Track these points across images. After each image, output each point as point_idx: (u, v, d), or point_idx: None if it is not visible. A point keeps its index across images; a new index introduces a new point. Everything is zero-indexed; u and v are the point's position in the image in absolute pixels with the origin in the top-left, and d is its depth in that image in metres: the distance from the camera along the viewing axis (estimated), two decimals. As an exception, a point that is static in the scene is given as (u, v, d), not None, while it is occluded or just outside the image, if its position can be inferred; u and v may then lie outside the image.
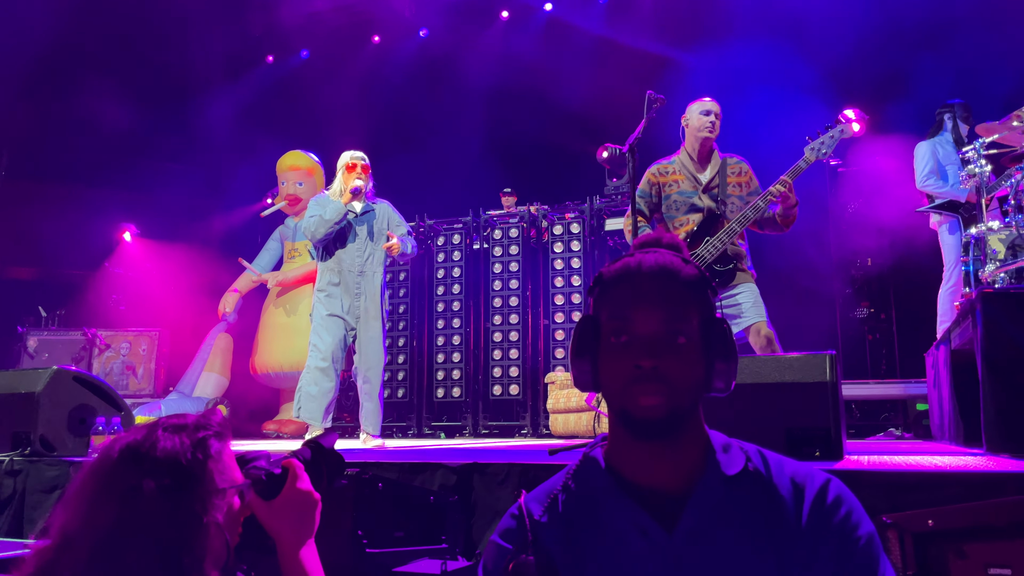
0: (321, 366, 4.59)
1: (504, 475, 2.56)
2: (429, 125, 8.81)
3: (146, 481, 1.14)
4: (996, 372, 2.73)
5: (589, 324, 1.22)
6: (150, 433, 1.20)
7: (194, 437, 1.22)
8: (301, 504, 1.35)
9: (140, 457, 1.17)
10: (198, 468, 1.19)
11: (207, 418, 1.27)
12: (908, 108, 6.45)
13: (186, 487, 1.17)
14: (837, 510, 1.12)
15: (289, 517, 1.33)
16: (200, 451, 1.21)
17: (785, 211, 3.82)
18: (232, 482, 1.25)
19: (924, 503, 1.84)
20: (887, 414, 6.21)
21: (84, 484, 1.18)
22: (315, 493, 1.37)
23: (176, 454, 1.18)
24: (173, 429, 1.22)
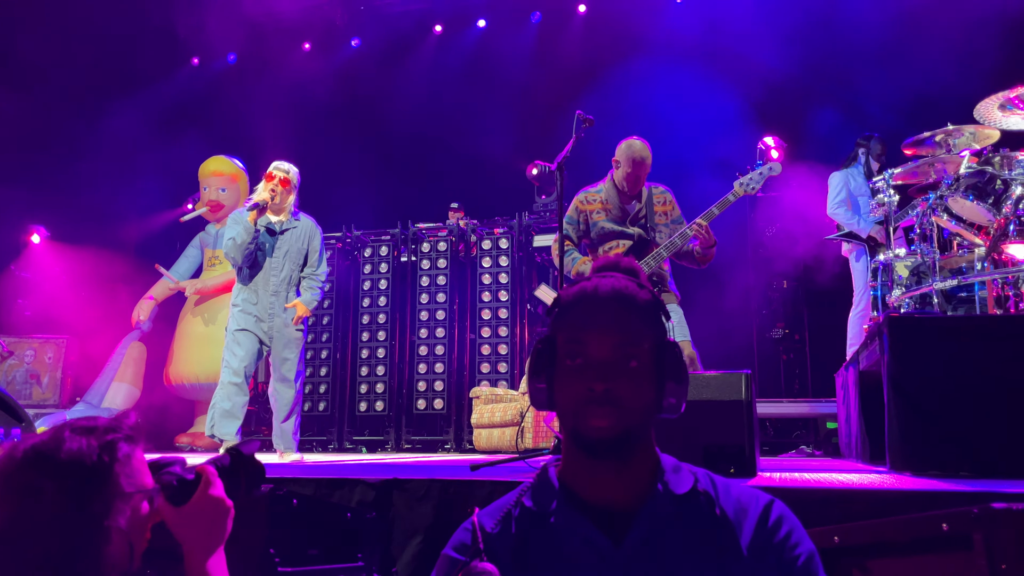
0: (234, 381, 4.48)
1: (424, 491, 2.53)
2: (359, 135, 8.72)
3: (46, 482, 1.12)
4: (900, 393, 2.85)
5: (546, 345, 1.26)
6: (57, 434, 1.17)
7: (102, 439, 1.18)
8: (212, 512, 1.32)
9: (43, 458, 1.14)
10: (103, 471, 1.16)
11: (118, 421, 1.24)
12: (823, 139, 6.74)
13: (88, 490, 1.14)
14: (778, 530, 1.18)
15: (198, 524, 1.30)
16: (107, 454, 1.18)
17: (703, 250, 3.91)
18: (140, 487, 1.22)
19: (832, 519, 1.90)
20: (799, 432, 6.42)
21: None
22: (227, 500, 1.34)
23: (81, 456, 1.15)
24: (81, 431, 1.19)
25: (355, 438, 7.35)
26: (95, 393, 7.51)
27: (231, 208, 7.17)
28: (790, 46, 7.38)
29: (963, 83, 5.41)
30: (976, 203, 3.60)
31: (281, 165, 4.72)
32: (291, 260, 4.65)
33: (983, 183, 3.62)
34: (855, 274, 5.81)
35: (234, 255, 4.56)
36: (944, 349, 2.87)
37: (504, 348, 7.06)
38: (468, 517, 1.28)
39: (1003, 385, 2.75)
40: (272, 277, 4.61)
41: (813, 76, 7.34)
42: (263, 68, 9.11)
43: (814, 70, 7.36)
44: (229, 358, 4.54)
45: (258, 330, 4.58)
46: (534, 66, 8.62)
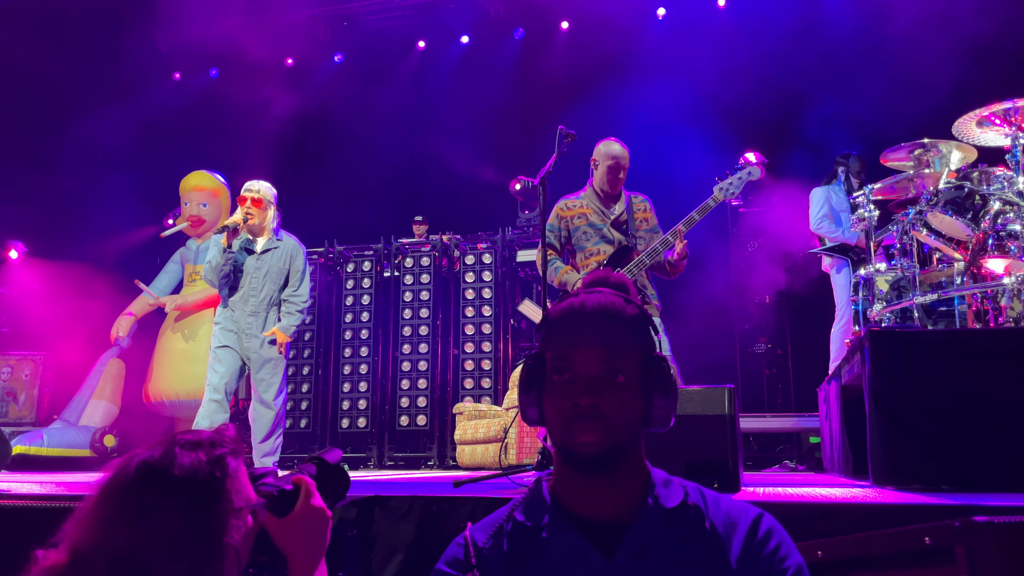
0: (214, 398, 4.45)
1: (407, 508, 2.50)
2: (342, 150, 8.70)
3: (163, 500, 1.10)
4: (882, 407, 2.86)
5: (535, 361, 1.28)
6: (167, 450, 1.15)
7: (211, 454, 1.17)
8: (313, 521, 1.30)
9: (158, 475, 1.12)
10: (216, 486, 1.15)
11: (221, 434, 1.22)
12: (803, 154, 6.81)
13: (204, 506, 1.13)
14: (767, 543, 1.18)
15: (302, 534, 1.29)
16: (218, 469, 1.16)
17: (676, 260, 3.92)
18: (247, 500, 1.21)
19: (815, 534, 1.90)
20: (782, 446, 6.43)
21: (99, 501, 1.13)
22: (327, 510, 1.33)
23: (194, 471, 1.14)
24: (190, 446, 1.17)
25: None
26: (73, 410, 7.39)
27: (212, 223, 7.12)
28: (771, 63, 7.47)
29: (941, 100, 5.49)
30: (955, 218, 3.64)
31: (252, 185, 4.63)
32: (271, 280, 4.59)
33: (962, 198, 3.67)
34: (836, 288, 5.85)
35: (211, 277, 4.55)
36: (925, 363, 2.88)
37: (488, 364, 7.03)
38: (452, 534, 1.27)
39: (983, 398, 2.76)
40: (251, 297, 4.56)
41: (794, 92, 7.42)
42: (245, 83, 9.08)
43: (795, 87, 7.45)
44: (210, 375, 4.52)
45: (239, 348, 4.55)
46: (517, 82, 8.66)
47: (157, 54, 9.23)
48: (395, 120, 8.62)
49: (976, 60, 6.41)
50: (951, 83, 6.18)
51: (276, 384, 4.55)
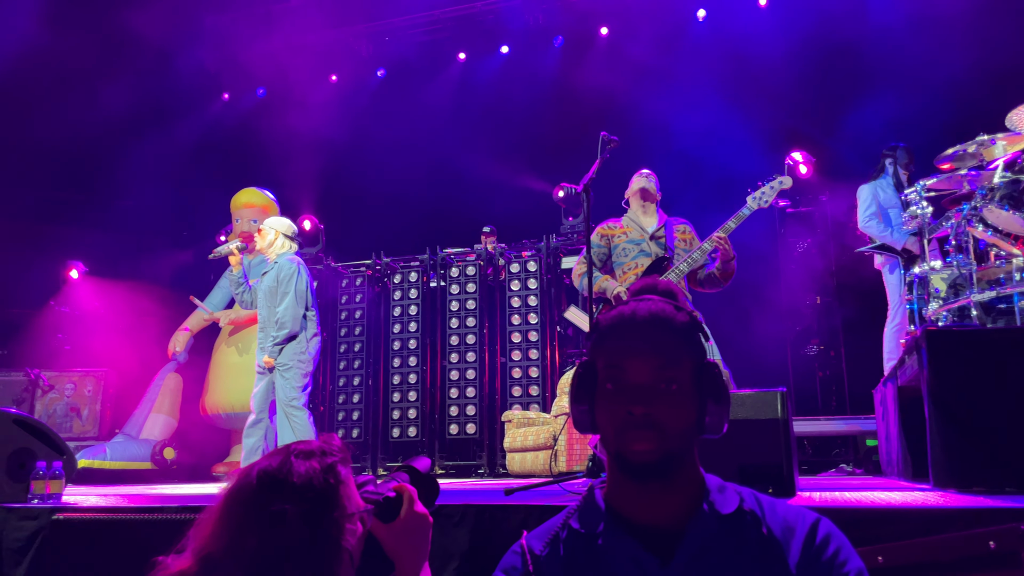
0: (252, 418, 4.78)
1: (460, 516, 2.52)
2: (386, 163, 8.82)
3: (286, 506, 1.16)
4: (942, 408, 2.79)
5: (587, 370, 1.28)
6: (283, 459, 1.22)
7: (323, 462, 1.23)
8: (417, 526, 1.36)
9: (279, 483, 1.19)
10: (331, 493, 1.21)
11: (329, 443, 1.28)
12: (852, 151, 6.68)
13: (322, 512, 1.19)
14: (826, 548, 1.17)
15: (409, 539, 1.35)
16: (331, 476, 1.22)
17: (724, 265, 3.92)
18: (358, 506, 1.27)
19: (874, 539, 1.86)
20: (838, 450, 6.30)
21: (225, 508, 1.20)
22: (429, 516, 1.39)
23: (311, 479, 1.20)
24: (303, 455, 1.23)
25: (388, 464, 7.36)
26: (134, 424, 7.61)
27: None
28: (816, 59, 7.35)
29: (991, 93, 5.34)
30: (1012, 213, 3.54)
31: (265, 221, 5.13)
32: (269, 299, 4.88)
33: (1018, 192, 3.56)
34: (889, 287, 5.71)
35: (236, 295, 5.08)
36: (985, 362, 2.81)
37: (535, 371, 7.04)
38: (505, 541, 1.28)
39: (1048, 398, 2.68)
40: (260, 317, 4.95)
41: (841, 88, 7.29)
42: (291, 101, 9.28)
43: (841, 83, 7.32)
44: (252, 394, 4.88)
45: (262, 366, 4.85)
46: (558, 89, 8.67)
47: (206, 75, 9.49)
48: (438, 131, 8.71)
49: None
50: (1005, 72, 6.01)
51: (292, 393, 4.68)
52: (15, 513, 3.15)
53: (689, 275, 3.99)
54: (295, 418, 4.66)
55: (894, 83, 7.01)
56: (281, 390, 4.70)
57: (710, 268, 3.99)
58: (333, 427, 7.47)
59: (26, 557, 3.04)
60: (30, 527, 3.09)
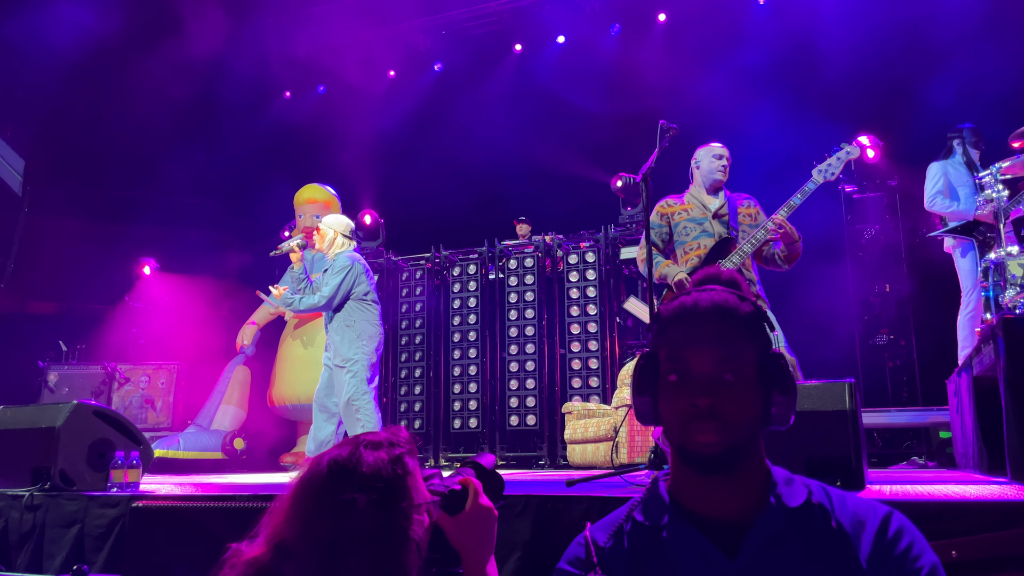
0: (318, 411, 4.97)
1: (522, 507, 2.54)
2: (444, 156, 8.88)
3: (359, 495, 1.19)
4: (1020, 399, 2.69)
5: (649, 361, 1.28)
6: (352, 449, 1.25)
7: (391, 453, 1.26)
8: (483, 519, 1.38)
9: (349, 472, 1.22)
10: (399, 483, 1.24)
11: (396, 435, 1.31)
12: (921, 134, 6.44)
13: (391, 501, 1.22)
14: (899, 541, 1.15)
15: (475, 532, 1.37)
16: (399, 467, 1.25)
17: (788, 247, 3.81)
18: (425, 498, 1.30)
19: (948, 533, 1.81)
20: (909, 442, 6.12)
21: (296, 497, 1.23)
22: (494, 509, 1.41)
23: (379, 469, 1.23)
24: (371, 446, 1.26)
25: (450, 455, 7.44)
26: (205, 416, 7.87)
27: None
28: (883, 39, 7.11)
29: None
30: (1096, 194, 3.38)
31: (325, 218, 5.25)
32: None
33: (1103, 172, 3.39)
34: (961, 273, 5.49)
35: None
36: (1066, 351, 2.69)
37: (595, 362, 7.02)
38: (567, 532, 1.29)
39: None
40: (324, 314, 5.07)
41: (909, 69, 7.04)
42: (351, 97, 9.43)
43: (910, 63, 7.06)
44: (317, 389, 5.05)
45: (327, 360, 5.00)
46: (615, 78, 8.59)
47: (269, 73, 9.70)
48: (495, 123, 8.73)
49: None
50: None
51: (360, 387, 4.77)
52: (96, 501, 3.30)
53: (755, 252, 3.89)
54: (362, 412, 4.74)
55: (964, 62, 6.73)
56: (348, 385, 4.79)
57: (776, 247, 3.88)
58: (396, 418, 7.58)
59: (107, 543, 3.18)
60: (110, 514, 3.23)
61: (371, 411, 4.75)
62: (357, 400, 4.76)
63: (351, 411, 4.78)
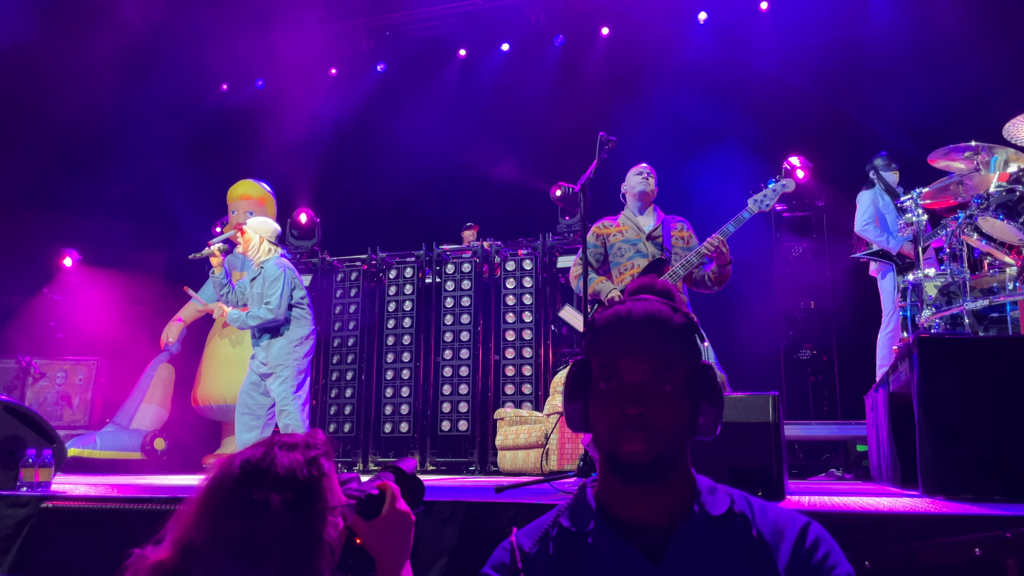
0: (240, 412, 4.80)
1: (450, 513, 2.52)
2: (384, 158, 8.81)
3: (272, 495, 1.16)
4: (932, 415, 2.80)
5: (581, 368, 1.28)
6: (266, 450, 1.22)
7: (307, 455, 1.23)
8: (400, 524, 1.37)
9: (262, 472, 1.19)
10: (314, 485, 1.21)
11: (313, 437, 1.28)
12: (848, 157, 6.69)
13: (306, 503, 1.19)
14: (816, 551, 1.18)
15: (390, 537, 1.35)
16: (315, 468, 1.23)
17: (720, 268, 3.89)
18: (340, 501, 1.28)
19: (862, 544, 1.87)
20: (828, 455, 6.32)
21: (206, 497, 1.20)
22: (412, 514, 1.39)
23: (294, 470, 1.20)
24: (287, 447, 1.23)
25: (379, 460, 7.35)
26: (124, 414, 7.60)
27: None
28: (815, 65, 7.36)
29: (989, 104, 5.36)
30: (1006, 222, 3.56)
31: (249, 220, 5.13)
32: (255, 304, 4.85)
33: (1013, 202, 3.58)
34: (883, 293, 5.73)
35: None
36: (976, 370, 2.82)
37: (528, 369, 7.04)
38: (495, 539, 1.28)
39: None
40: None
41: (839, 95, 7.30)
42: (291, 93, 9.26)
43: (840, 89, 7.33)
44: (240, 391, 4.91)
45: (255, 367, 4.84)
46: (558, 88, 8.67)
47: (206, 65, 9.45)
48: (437, 127, 8.70)
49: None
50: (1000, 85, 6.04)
51: (287, 393, 4.67)
52: (4, 500, 3.15)
53: (685, 275, 3.98)
54: (290, 417, 4.65)
55: (892, 90, 7.03)
56: (276, 391, 4.69)
57: (707, 268, 3.97)
58: (325, 422, 7.46)
59: (14, 545, 3.03)
60: (19, 515, 3.08)
61: (298, 417, 4.66)
62: (286, 406, 4.66)
63: (279, 417, 4.68)
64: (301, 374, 4.77)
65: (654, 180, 4.18)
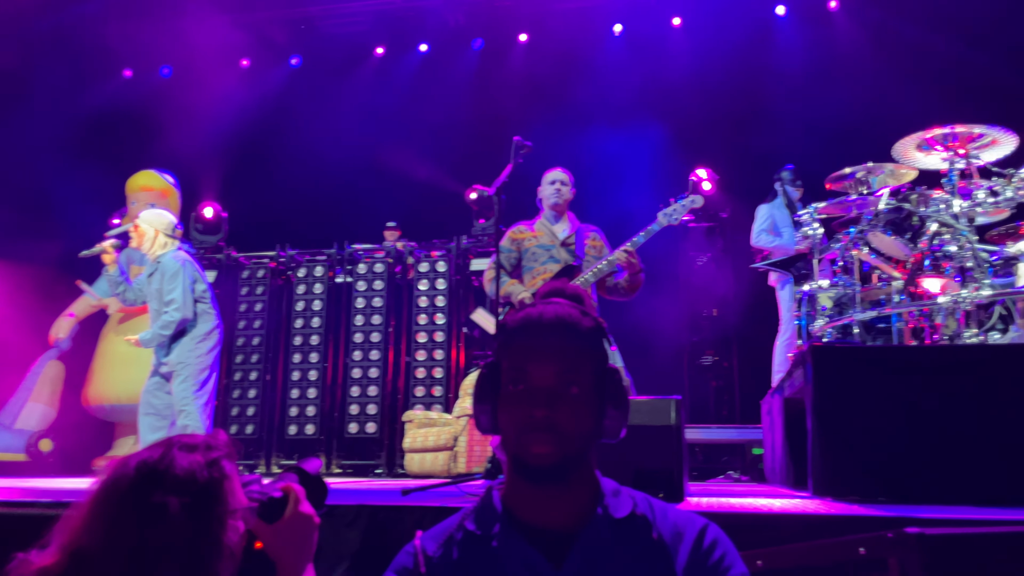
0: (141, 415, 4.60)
1: (352, 517, 2.48)
2: (296, 154, 8.59)
3: (170, 498, 1.11)
4: (823, 420, 2.94)
5: (491, 371, 1.28)
6: (164, 451, 1.16)
7: (207, 456, 1.18)
8: (303, 527, 1.32)
9: (159, 475, 1.13)
10: (215, 487, 1.16)
11: (215, 439, 1.23)
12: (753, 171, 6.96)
13: (205, 506, 1.14)
14: (712, 552, 1.21)
15: (292, 540, 1.30)
16: (215, 470, 1.18)
17: (631, 277, 4.00)
18: (241, 504, 1.23)
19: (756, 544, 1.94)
20: (727, 457, 6.54)
21: (99, 501, 1.14)
22: (315, 516, 1.34)
23: (193, 472, 1.15)
24: (186, 448, 1.18)
25: (283, 462, 7.18)
26: (8, 413, 7.18)
27: (160, 224, 6.99)
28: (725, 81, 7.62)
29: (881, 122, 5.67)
30: (894, 238, 3.77)
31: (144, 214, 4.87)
32: (155, 300, 4.68)
33: (901, 219, 3.80)
34: (781, 303, 5.98)
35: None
36: (863, 378, 2.97)
37: (439, 372, 7.01)
38: (399, 543, 1.27)
39: (917, 413, 2.86)
40: (150, 318, 4.76)
41: (746, 110, 7.59)
42: (199, 82, 8.92)
43: (747, 104, 7.61)
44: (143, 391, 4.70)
45: (156, 364, 4.66)
46: (475, 92, 8.67)
47: (107, 49, 9.00)
48: (352, 125, 8.56)
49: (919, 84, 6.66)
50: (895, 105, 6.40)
51: (188, 392, 4.51)
52: None
53: (598, 282, 4.05)
54: (190, 418, 4.48)
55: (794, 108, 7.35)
56: (177, 390, 4.51)
57: (619, 278, 4.06)
58: (227, 423, 7.23)
59: None
60: None
61: (198, 418, 4.49)
62: (185, 406, 4.49)
63: (178, 417, 4.51)
64: (204, 372, 4.59)
65: (568, 188, 4.21)
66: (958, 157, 3.84)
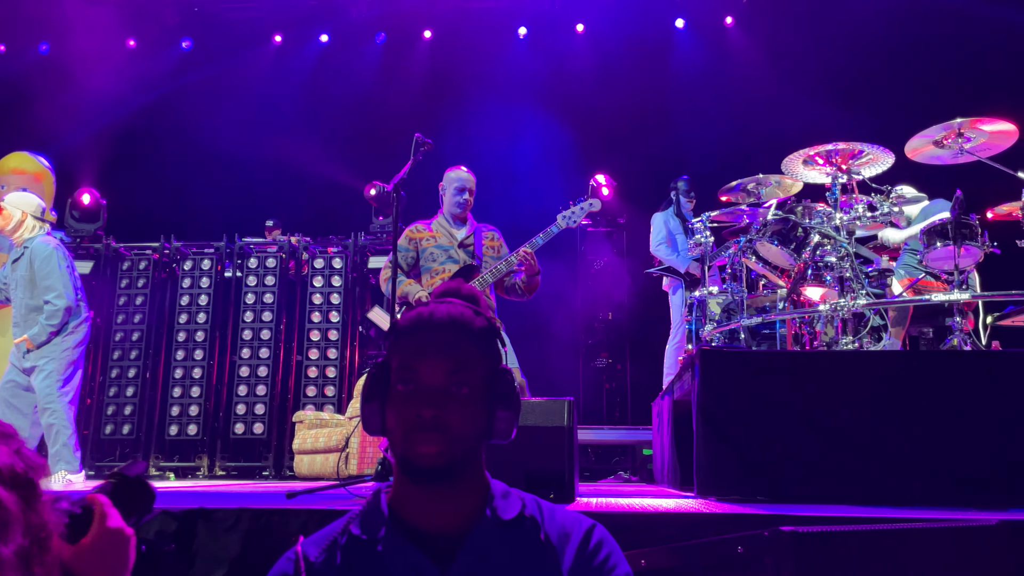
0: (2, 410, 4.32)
1: (233, 521, 2.37)
2: (185, 141, 8.20)
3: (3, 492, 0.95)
4: (708, 421, 3.03)
5: (380, 370, 1.25)
6: None
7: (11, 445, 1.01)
8: (111, 544, 1.17)
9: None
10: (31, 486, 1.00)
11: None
12: (650, 178, 7.15)
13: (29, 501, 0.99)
14: (598, 553, 1.21)
15: (99, 560, 1.16)
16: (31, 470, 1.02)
17: (529, 278, 4.03)
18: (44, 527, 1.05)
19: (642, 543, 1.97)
20: (618, 458, 6.68)
21: None
22: (127, 529, 1.20)
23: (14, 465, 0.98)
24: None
25: (163, 464, 6.84)
26: None
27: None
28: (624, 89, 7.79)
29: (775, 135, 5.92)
30: (780, 248, 3.93)
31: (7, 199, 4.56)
32: (22, 289, 4.40)
33: (787, 230, 3.97)
34: (673, 308, 6.15)
35: None
36: (747, 381, 3.08)
37: (332, 371, 6.85)
38: (282, 548, 1.22)
39: (796, 416, 2.98)
40: (14, 309, 4.47)
41: (644, 118, 7.78)
42: (81, 62, 8.39)
43: (646, 113, 7.81)
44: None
45: (15, 360, 4.38)
46: (377, 86, 8.54)
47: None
48: (246, 114, 8.25)
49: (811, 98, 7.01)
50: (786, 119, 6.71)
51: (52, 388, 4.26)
52: None
53: (496, 282, 4.05)
54: (55, 416, 4.20)
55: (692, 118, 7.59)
56: (40, 387, 4.23)
57: (517, 277, 4.08)
58: (102, 422, 6.83)
59: None
60: None
61: (64, 416, 4.22)
62: (49, 403, 4.20)
63: (41, 416, 4.22)
64: (70, 367, 4.32)
65: (470, 193, 4.18)
66: (840, 172, 4.04)
